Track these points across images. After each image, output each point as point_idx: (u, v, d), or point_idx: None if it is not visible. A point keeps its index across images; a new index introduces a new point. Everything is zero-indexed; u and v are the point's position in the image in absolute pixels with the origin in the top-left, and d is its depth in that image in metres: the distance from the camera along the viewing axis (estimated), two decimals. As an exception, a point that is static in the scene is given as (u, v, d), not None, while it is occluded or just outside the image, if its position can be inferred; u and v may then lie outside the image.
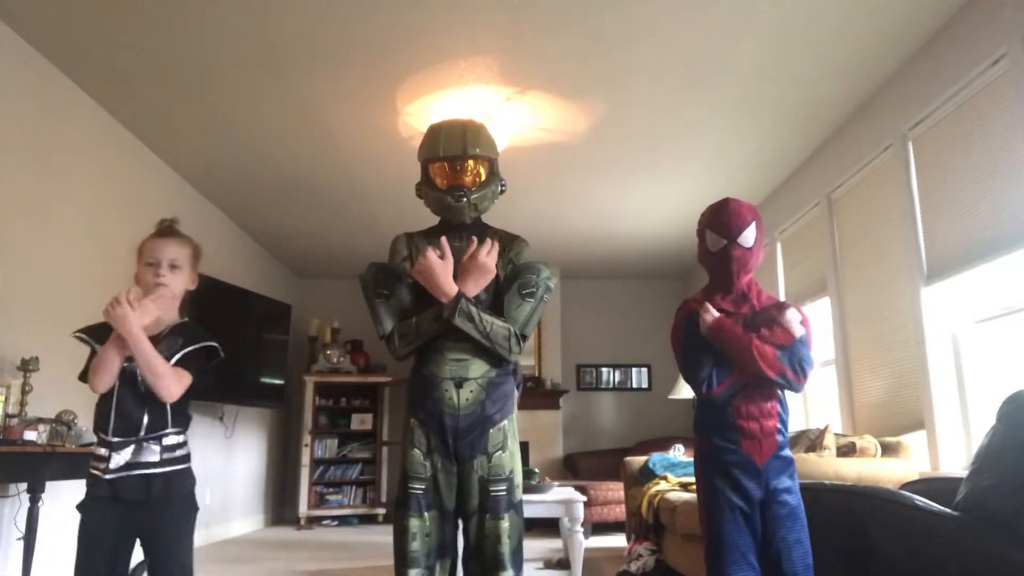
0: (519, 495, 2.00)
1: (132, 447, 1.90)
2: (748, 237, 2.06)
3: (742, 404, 2.03)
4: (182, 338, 2.00)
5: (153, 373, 1.89)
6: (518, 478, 2.00)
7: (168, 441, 1.95)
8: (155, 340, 1.95)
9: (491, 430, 1.97)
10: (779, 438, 2.03)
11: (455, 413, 1.94)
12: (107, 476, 1.89)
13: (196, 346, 2.01)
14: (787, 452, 2.06)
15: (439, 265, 1.94)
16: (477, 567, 1.95)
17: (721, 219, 2.10)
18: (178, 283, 2.03)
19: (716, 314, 2.03)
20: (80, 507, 1.96)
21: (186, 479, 1.99)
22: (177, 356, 1.96)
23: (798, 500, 2.03)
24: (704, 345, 2.06)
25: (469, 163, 2.05)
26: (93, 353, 1.98)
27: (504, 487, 1.95)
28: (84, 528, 1.93)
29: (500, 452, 1.97)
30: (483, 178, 2.08)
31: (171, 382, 1.92)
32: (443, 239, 2.00)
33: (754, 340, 1.99)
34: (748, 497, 1.99)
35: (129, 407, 1.92)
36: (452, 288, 1.94)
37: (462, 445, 1.94)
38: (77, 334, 2.02)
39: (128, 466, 1.89)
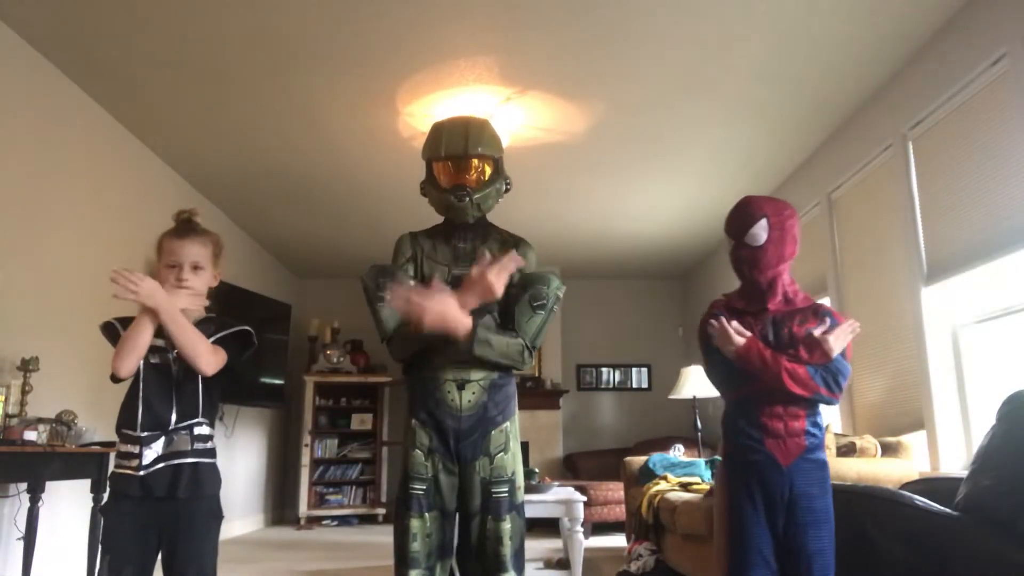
0: (521, 496, 1.99)
1: (163, 439, 1.87)
2: (756, 236, 2.03)
3: (766, 402, 1.97)
4: (213, 326, 1.99)
5: (189, 342, 1.86)
6: (520, 480, 2.00)
7: (198, 431, 1.92)
8: None
9: (493, 432, 1.96)
10: (807, 440, 1.96)
11: (457, 415, 1.94)
12: (140, 473, 1.84)
13: (230, 330, 2.00)
14: (819, 455, 1.98)
15: (445, 308, 1.85)
16: (478, 568, 1.94)
17: (729, 219, 2.10)
18: (202, 284, 1.99)
19: (740, 341, 1.95)
20: (104, 509, 1.92)
21: (214, 477, 1.95)
22: (212, 339, 1.95)
23: (826, 506, 1.95)
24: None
25: (473, 162, 2.04)
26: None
27: (506, 488, 1.94)
28: (108, 530, 1.88)
29: (502, 454, 1.96)
30: (487, 177, 2.06)
31: (207, 351, 1.90)
32: (435, 280, 1.95)
33: (783, 364, 1.93)
34: (771, 497, 1.93)
35: (157, 400, 1.89)
36: (465, 323, 1.88)
37: (464, 446, 1.94)
38: (113, 320, 1.93)
39: (161, 458, 1.85)
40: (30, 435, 3.13)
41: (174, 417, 1.89)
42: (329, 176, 5.37)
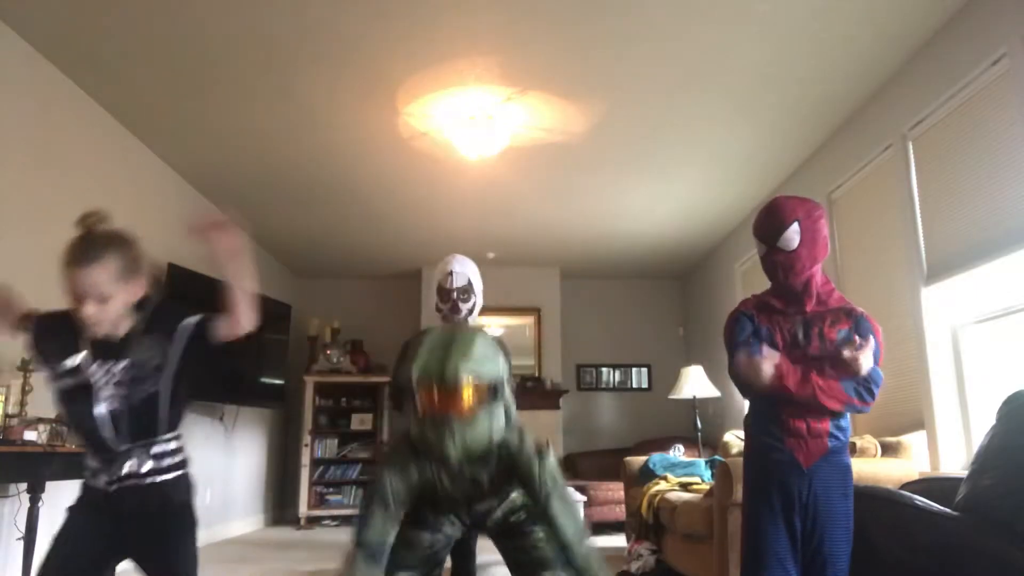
0: None
1: (116, 462, 1.69)
2: (789, 240, 1.98)
3: (789, 401, 1.93)
4: (172, 317, 1.72)
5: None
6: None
7: (156, 449, 1.73)
8: (125, 344, 1.72)
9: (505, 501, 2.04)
10: (830, 441, 1.93)
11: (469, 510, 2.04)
12: (111, 488, 1.71)
13: (198, 317, 1.73)
14: (843, 459, 1.96)
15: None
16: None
17: (761, 224, 2.05)
18: (115, 308, 1.67)
19: (769, 371, 1.90)
20: (69, 510, 1.77)
21: (184, 487, 1.79)
22: (187, 338, 1.72)
23: (846, 511, 1.93)
24: (749, 350, 1.97)
25: (460, 390, 1.92)
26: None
27: (523, 514, 2.02)
28: (64, 532, 1.71)
29: (512, 497, 2.02)
30: (481, 399, 1.92)
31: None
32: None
33: (815, 381, 1.90)
34: (790, 499, 1.90)
35: (91, 426, 1.68)
36: None
37: (475, 516, 2.03)
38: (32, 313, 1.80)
39: (119, 480, 1.70)
40: (30, 435, 3.13)
41: (119, 441, 1.69)
42: (329, 176, 5.37)
